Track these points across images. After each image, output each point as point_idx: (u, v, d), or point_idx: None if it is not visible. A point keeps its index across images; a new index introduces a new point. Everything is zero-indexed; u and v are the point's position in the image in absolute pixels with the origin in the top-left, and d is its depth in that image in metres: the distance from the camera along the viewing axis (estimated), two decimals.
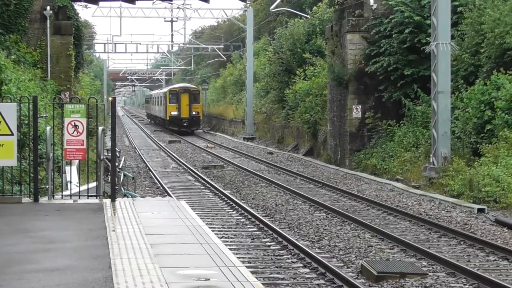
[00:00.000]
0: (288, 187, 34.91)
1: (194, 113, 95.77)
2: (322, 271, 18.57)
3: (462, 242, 22.61)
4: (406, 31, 43.98)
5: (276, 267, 19.31)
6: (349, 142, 46.15)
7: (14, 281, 11.76)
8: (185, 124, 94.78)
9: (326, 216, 27.41)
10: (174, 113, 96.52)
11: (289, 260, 20.19)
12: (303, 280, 17.94)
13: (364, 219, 26.08)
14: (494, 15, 37.62)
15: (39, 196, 20.55)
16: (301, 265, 19.57)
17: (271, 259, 20.35)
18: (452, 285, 17.31)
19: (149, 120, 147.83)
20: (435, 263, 19.52)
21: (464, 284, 17.40)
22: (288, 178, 41.32)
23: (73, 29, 51.09)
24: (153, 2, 58.87)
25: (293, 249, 21.22)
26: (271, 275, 18.21)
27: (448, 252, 21.15)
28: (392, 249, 21.59)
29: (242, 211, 28.17)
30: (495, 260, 20.34)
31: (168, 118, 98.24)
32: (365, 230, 24.25)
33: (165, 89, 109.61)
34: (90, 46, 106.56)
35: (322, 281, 17.81)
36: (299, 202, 30.85)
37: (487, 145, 32.74)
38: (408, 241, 22.04)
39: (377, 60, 45.03)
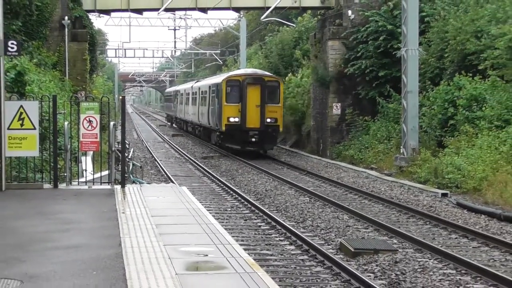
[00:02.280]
0: (277, 175, 35.00)
1: (269, 120, 47.39)
2: (306, 248, 18.64)
3: (428, 223, 22.72)
4: (381, 38, 44.67)
5: (266, 244, 19.33)
6: (330, 135, 47.04)
7: (37, 257, 11.83)
8: (253, 140, 47.66)
9: (310, 200, 27.44)
10: (234, 119, 48.73)
11: (277, 239, 20.20)
12: (289, 256, 17.98)
13: (342, 203, 26.17)
14: (456, 24, 38.26)
15: (58, 183, 20.59)
16: (288, 243, 19.60)
17: (262, 237, 20.36)
18: (419, 259, 17.32)
19: (170, 123, 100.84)
20: (404, 240, 19.60)
21: (430, 259, 17.45)
22: (276, 167, 41.29)
23: (88, 36, 51.20)
24: (158, 13, 58.12)
25: (280, 229, 21.25)
26: (261, 252, 18.24)
27: (416, 231, 21.21)
28: (367, 228, 21.64)
29: (236, 196, 28.19)
30: (456, 238, 20.43)
31: (223, 128, 48.85)
32: (344, 212, 24.29)
33: (216, 79, 57.21)
34: (103, 51, 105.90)
35: (306, 257, 17.86)
36: (286, 188, 30.87)
37: (450, 138, 33.02)
38: (381, 222, 22.13)
39: (355, 63, 45.76)
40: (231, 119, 47.55)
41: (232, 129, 47.97)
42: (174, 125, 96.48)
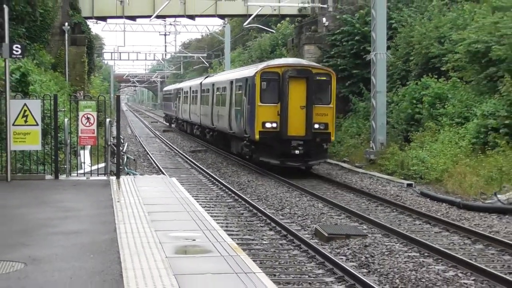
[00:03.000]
0: (257, 167, 34.91)
1: (317, 125, 33.85)
2: (285, 233, 18.69)
3: (394, 210, 22.85)
4: (355, 38, 45.20)
5: (248, 230, 19.36)
6: None
7: (40, 241, 11.85)
8: (297, 153, 33.44)
9: (288, 190, 27.45)
10: (271, 125, 34.43)
11: (258, 225, 20.24)
12: (270, 241, 17.99)
13: (317, 192, 26.28)
14: (421, 30, 39.07)
15: (59, 174, 20.56)
16: (268, 228, 19.63)
17: (244, 224, 20.38)
18: (386, 243, 17.41)
19: (169, 124, 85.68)
20: (373, 226, 19.72)
21: (396, 243, 17.54)
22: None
23: (86, 41, 51.33)
24: (150, 19, 57.92)
25: (261, 216, 21.30)
26: (244, 237, 18.27)
27: (384, 218, 21.31)
28: (340, 216, 21.71)
29: (221, 186, 28.17)
30: (419, 224, 20.56)
31: (257, 137, 33.88)
32: (319, 201, 24.36)
33: (242, 71, 41.21)
34: (100, 54, 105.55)
35: (284, 241, 17.90)
36: (266, 179, 30.88)
37: (415, 133, 33.19)
38: (352, 209, 22.23)
39: (329, 61, 45.94)
40: (268, 125, 32.62)
41: (268, 138, 32.81)
42: (173, 126, 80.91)
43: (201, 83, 53.77)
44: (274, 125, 32.22)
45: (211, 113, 45.63)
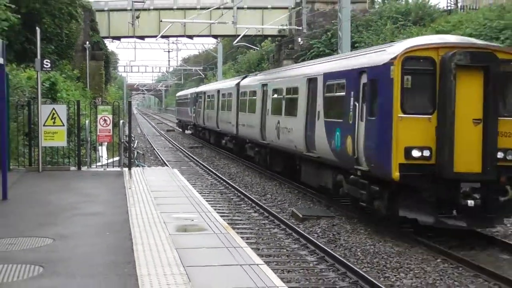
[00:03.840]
0: (244, 161, 34.83)
1: (502, 154, 14.41)
2: (267, 215, 18.67)
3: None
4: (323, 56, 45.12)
5: (237, 212, 19.34)
6: None
7: (66, 221, 11.85)
8: (469, 204, 13.89)
9: (269, 179, 27.32)
10: (420, 153, 14.48)
11: (245, 208, 20.19)
12: (254, 221, 17.99)
13: (294, 182, 25.97)
14: None
15: (81, 166, 20.51)
16: (253, 211, 19.60)
17: (233, 207, 20.35)
18: (350, 224, 17.40)
19: (183, 130, 67.92)
20: (340, 209, 19.67)
21: (357, 223, 17.54)
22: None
23: (104, 56, 51.55)
24: (156, 39, 58.26)
25: (247, 201, 21.26)
26: (233, 218, 18.23)
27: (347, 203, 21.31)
28: (312, 200, 21.69)
29: (215, 176, 28.12)
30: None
31: (395, 174, 14.28)
32: (295, 188, 24.30)
33: (351, 59, 18.65)
34: (115, 67, 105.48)
35: (266, 221, 17.87)
36: (252, 171, 30.82)
37: None
38: (323, 196, 22.13)
39: None
40: (415, 153, 14.87)
41: (416, 176, 14.95)
42: (188, 132, 62.57)
43: (238, 84, 35.65)
44: (427, 153, 15.01)
45: (260, 124, 28.72)
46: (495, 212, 14.85)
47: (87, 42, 49.30)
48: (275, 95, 26.87)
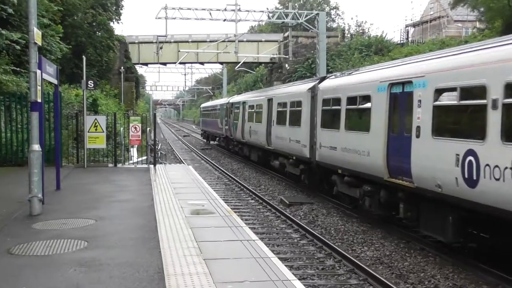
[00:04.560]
0: (242, 160, 34.74)
1: None
2: (261, 201, 18.69)
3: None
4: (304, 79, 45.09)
5: (238, 199, 19.31)
6: None
7: (105, 206, 11.83)
8: None
9: (263, 174, 27.30)
10: None
11: (244, 196, 20.17)
12: (252, 206, 17.97)
13: (283, 176, 25.88)
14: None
15: (117, 163, 20.52)
16: (250, 198, 19.60)
17: (235, 195, 20.32)
18: (326, 208, 17.40)
19: (207, 140, 52.05)
20: (317, 196, 19.65)
21: (332, 208, 17.54)
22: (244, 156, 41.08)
23: (134, 78, 51.59)
24: (175, 64, 58.93)
25: (246, 190, 21.24)
26: (235, 203, 18.20)
27: (323, 192, 21.25)
28: (296, 190, 21.67)
29: (220, 171, 28.10)
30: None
31: None
32: (284, 181, 24.29)
33: None
34: (143, 86, 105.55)
35: (261, 206, 17.88)
36: (250, 167, 30.80)
37: None
38: (304, 188, 22.05)
39: None
40: None
41: None
42: (213, 142, 48.34)
43: (313, 88, 19.18)
44: None
45: (373, 144, 13.39)
46: None
47: (122, 67, 49.41)
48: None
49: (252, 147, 29.17)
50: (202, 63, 60.48)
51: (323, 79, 19.16)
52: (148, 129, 21.82)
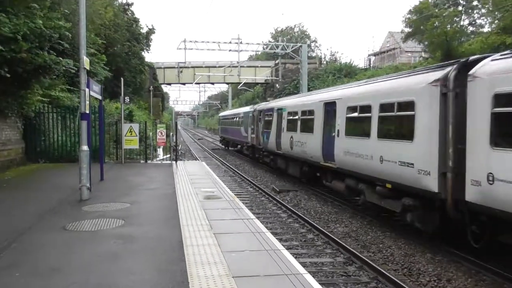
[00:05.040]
0: (243, 157, 34.51)
1: None
2: (257, 189, 18.56)
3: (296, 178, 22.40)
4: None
5: (239, 187, 19.18)
6: None
7: (137, 193, 11.76)
8: None
9: (260, 168, 27.13)
10: None
11: (245, 185, 20.07)
12: (250, 193, 17.86)
13: (274, 170, 25.67)
14: None
15: (147, 160, 20.45)
16: (249, 187, 19.48)
17: (238, 184, 20.19)
18: (308, 195, 17.33)
19: (226, 146, 42.54)
20: (301, 185, 19.55)
21: (313, 194, 17.55)
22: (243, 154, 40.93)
23: (161, 95, 51.32)
24: (192, 84, 59.20)
25: (246, 181, 21.13)
26: (237, 190, 18.07)
27: (306, 182, 21.16)
28: (285, 181, 21.55)
29: (227, 166, 27.94)
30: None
31: None
32: (276, 174, 24.14)
33: None
34: (167, 101, 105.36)
35: (257, 193, 17.76)
36: (248, 163, 30.65)
37: None
38: (293, 178, 21.99)
39: None
40: None
41: None
42: (232, 148, 39.94)
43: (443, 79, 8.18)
44: None
45: None
46: None
47: (151, 86, 49.23)
48: None
49: (294, 160, 19.26)
50: (212, 83, 60.39)
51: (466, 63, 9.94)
52: (171, 134, 21.81)
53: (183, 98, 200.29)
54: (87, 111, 10.86)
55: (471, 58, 8.48)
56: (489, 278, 8.16)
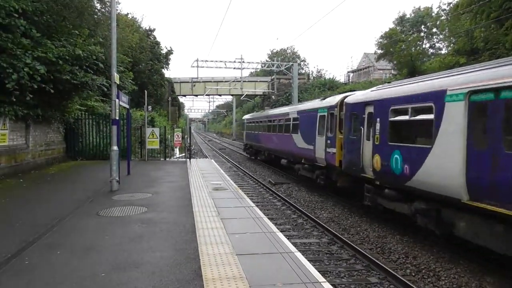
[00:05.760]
0: (245, 155, 34.21)
1: None
2: (257, 182, 18.36)
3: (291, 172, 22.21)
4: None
5: (242, 180, 19.01)
6: None
7: (158, 185, 11.67)
8: None
9: (259, 164, 26.97)
10: None
11: (247, 178, 19.84)
12: (251, 185, 17.65)
13: (270, 164, 24.90)
14: None
15: (166, 158, 20.35)
16: (250, 179, 19.33)
17: (240, 178, 19.97)
18: (299, 188, 17.07)
19: (252, 155, 26.55)
20: (293, 179, 19.43)
21: (302, 187, 17.33)
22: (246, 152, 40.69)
23: (177, 104, 51.05)
24: (203, 95, 59.31)
25: (247, 175, 20.89)
26: (240, 183, 17.91)
27: (294, 175, 21.00)
28: (279, 174, 21.41)
29: (232, 162, 27.78)
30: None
31: None
32: (271, 168, 23.97)
33: None
34: (183, 110, 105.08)
35: (256, 185, 17.56)
36: (248, 161, 30.49)
37: None
38: (285, 173, 21.66)
39: None
40: None
41: None
42: (255, 157, 27.48)
43: None
44: None
45: None
46: None
47: (169, 98, 49.10)
48: None
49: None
50: (220, 95, 60.42)
51: None
52: (185, 136, 21.72)
53: (196, 107, 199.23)
54: (117, 118, 10.83)
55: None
56: (447, 254, 8.17)
